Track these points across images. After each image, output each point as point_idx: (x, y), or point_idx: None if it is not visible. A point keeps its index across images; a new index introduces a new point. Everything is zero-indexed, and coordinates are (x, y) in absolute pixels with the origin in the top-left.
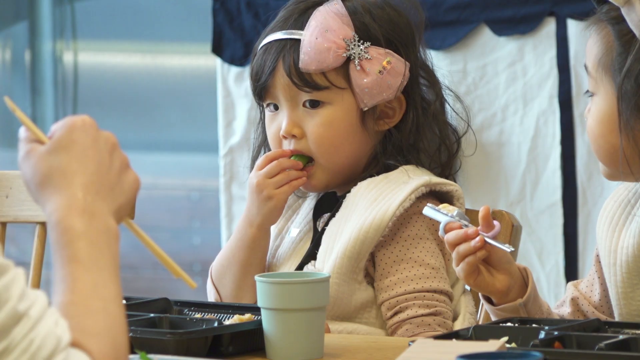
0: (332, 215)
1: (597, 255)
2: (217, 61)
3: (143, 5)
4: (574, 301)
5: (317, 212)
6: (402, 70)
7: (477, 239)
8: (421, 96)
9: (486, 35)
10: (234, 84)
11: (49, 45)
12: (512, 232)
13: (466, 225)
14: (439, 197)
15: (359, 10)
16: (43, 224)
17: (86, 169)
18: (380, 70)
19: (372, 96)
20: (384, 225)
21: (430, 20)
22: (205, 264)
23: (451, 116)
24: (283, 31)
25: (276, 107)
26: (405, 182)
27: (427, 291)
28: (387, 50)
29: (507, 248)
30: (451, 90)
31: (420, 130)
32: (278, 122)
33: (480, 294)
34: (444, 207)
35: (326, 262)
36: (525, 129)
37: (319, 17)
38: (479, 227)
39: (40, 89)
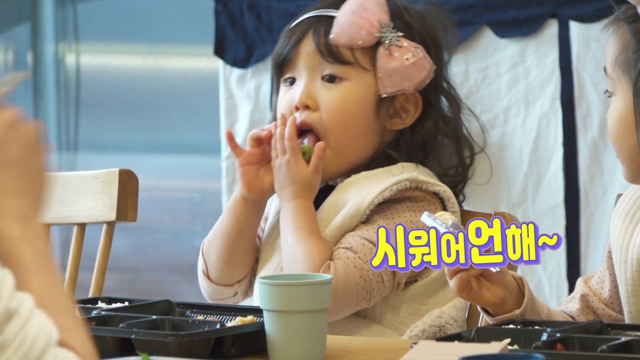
0: (322, 201)
1: (609, 252)
2: (219, 63)
3: (145, 7)
4: (584, 298)
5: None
6: (428, 68)
7: None
8: (440, 106)
9: (488, 37)
10: (236, 85)
11: (51, 47)
12: None
13: None
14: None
15: (398, 3)
16: (46, 226)
17: (9, 172)
18: (407, 58)
19: (394, 83)
20: (361, 212)
21: None
22: None
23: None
24: (317, 10)
25: (293, 82)
26: (394, 175)
27: (359, 236)
28: (418, 45)
29: (494, 269)
30: (470, 110)
31: (433, 137)
32: (292, 94)
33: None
34: (441, 215)
35: None
36: (527, 130)
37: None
38: None
39: (43, 91)
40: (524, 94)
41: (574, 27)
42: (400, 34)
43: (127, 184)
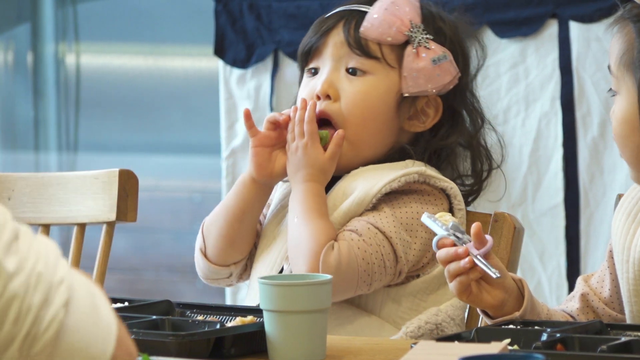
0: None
1: (610, 251)
2: (220, 63)
3: (145, 7)
4: (584, 297)
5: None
6: (453, 73)
7: (467, 259)
8: (461, 114)
9: (488, 37)
10: (236, 86)
11: (52, 47)
12: (514, 235)
13: (459, 239)
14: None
15: (432, 8)
16: (46, 226)
17: None
18: (434, 60)
19: (417, 83)
20: (368, 200)
21: None
22: None
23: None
24: (350, 5)
25: (316, 73)
26: (400, 167)
27: (369, 222)
28: (447, 50)
29: (494, 274)
30: (491, 124)
31: (449, 145)
32: (314, 83)
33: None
34: (441, 216)
35: None
36: (527, 130)
37: None
38: (471, 242)
39: (43, 91)
40: (524, 94)
41: (574, 27)
42: (430, 36)
43: (127, 184)
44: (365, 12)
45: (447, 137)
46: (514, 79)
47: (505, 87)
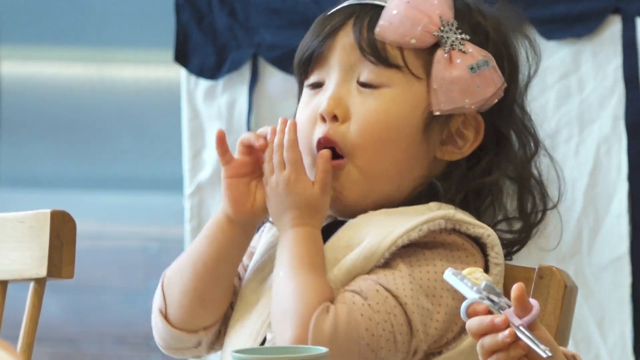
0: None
1: None
2: (182, 73)
3: (86, 1)
4: None
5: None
6: (498, 84)
7: (506, 332)
8: (509, 136)
9: None
10: (204, 101)
11: None
12: (565, 295)
13: (495, 304)
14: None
15: (470, 3)
16: None
17: None
18: (472, 67)
19: (451, 98)
20: (379, 254)
21: None
22: None
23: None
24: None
25: (320, 86)
26: (423, 213)
27: (375, 282)
28: (488, 54)
29: (543, 352)
30: (546, 150)
31: (494, 177)
32: (318, 101)
33: None
34: (470, 273)
35: None
36: (581, 160)
37: None
38: (511, 308)
39: None
40: (578, 112)
41: None
42: (467, 36)
43: (62, 229)
44: (381, 7)
45: (491, 169)
46: (565, 93)
47: (553, 103)
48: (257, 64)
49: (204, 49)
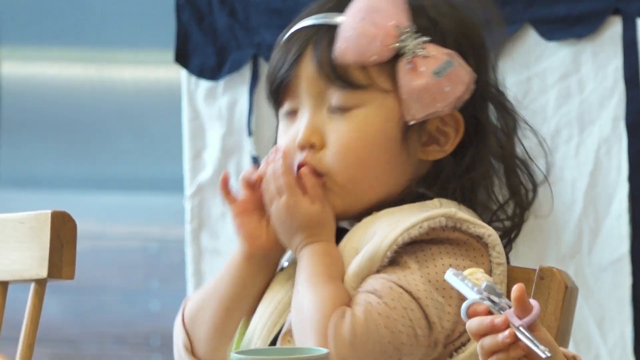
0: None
1: None
2: (182, 73)
3: (86, 1)
4: None
5: None
6: (466, 80)
7: (506, 332)
8: (489, 124)
9: (531, 39)
10: (204, 102)
11: None
12: (566, 296)
13: (495, 304)
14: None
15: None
16: None
17: None
18: (437, 72)
19: (423, 105)
20: (380, 254)
21: None
22: (166, 336)
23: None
24: (317, 15)
25: (294, 113)
26: (426, 210)
27: (388, 280)
28: (451, 51)
29: (542, 352)
30: (527, 124)
31: (483, 168)
32: (295, 130)
33: None
34: (471, 273)
35: None
36: (581, 161)
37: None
38: (511, 309)
39: None
40: (578, 113)
41: None
42: (426, 38)
43: (62, 230)
44: (336, 27)
45: (477, 161)
46: (565, 94)
47: (553, 104)
48: (258, 64)
49: (204, 49)
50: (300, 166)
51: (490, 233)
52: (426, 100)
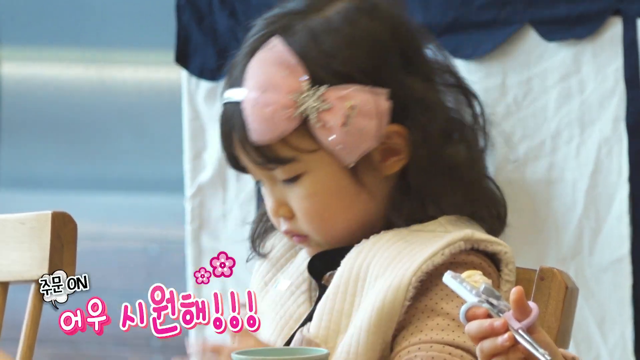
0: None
1: None
2: (183, 74)
3: (87, 2)
4: None
5: (319, 264)
6: (375, 106)
7: (506, 336)
8: (432, 116)
9: (532, 39)
10: (205, 103)
11: None
12: (566, 296)
13: (494, 307)
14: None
15: (305, 42)
16: None
17: None
18: (343, 122)
19: (350, 151)
20: (405, 285)
21: (460, 21)
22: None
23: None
24: (226, 90)
25: (260, 181)
26: (439, 235)
27: (438, 342)
28: (349, 88)
29: (542, 355)
30: (474, 97)
31: (439, 165)
32: (267, 200)
33: None
34: (469, 276)
35: (339, 334)
36: (582, 162)
37: (255, 71)
38: (510, 311)
39: None
40: (579, 114)
41: None
42: (323, 88)
43: (63, 230)
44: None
45: (433, 152)
46: (566, 94)
47: (553, 104)
48: None
49: (204, 50)
50: (286, 233)
51: (506, 250)
52: (350, 147)
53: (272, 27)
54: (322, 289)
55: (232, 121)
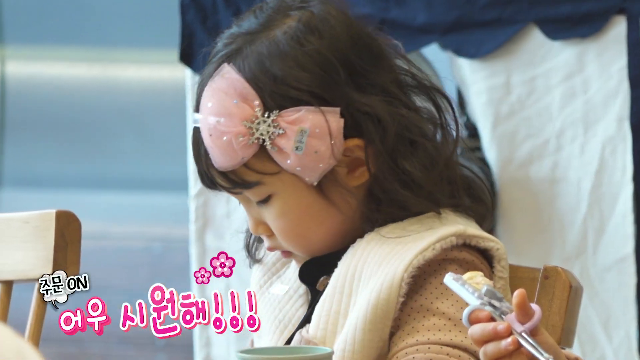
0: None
1: None
2: (187, 73)
3: (90, 2)
4: None
5: (313, 270)
6: (327, 126)
7: (509, 340)
8: (388, 126)
9: (536, 38)
10: None
11: None
12: (570, 295)
13: (496, 309)
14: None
15: (254, 67)
16: None
17: None
18: (297, 147)
19: (310, 172)
20: (397, 281)
21: (464, 20)
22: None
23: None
24: (194, 113)
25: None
26: (432, 229)
27: (435, 343)
28: (299, 111)
29: (544, 357)
30: (436, 90)
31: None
32: (248, 219)
33: None
34: (471, 278)
35: (337, 334)
36: (586, 161)
37: (208, 100)
38: (512, 313)
39: None
40: (583, 113)
41: None
42: (274, 113)
43: (67, 229)
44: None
45: (396, 150)
46: (570, 94)
47: (557, 104)
48: None
49: (209, 48)
50: (270, 250)
51: (498, 247)
52: (309, 168)
53: (226, 50)
54: (315, 293)
55: (198, 146)
